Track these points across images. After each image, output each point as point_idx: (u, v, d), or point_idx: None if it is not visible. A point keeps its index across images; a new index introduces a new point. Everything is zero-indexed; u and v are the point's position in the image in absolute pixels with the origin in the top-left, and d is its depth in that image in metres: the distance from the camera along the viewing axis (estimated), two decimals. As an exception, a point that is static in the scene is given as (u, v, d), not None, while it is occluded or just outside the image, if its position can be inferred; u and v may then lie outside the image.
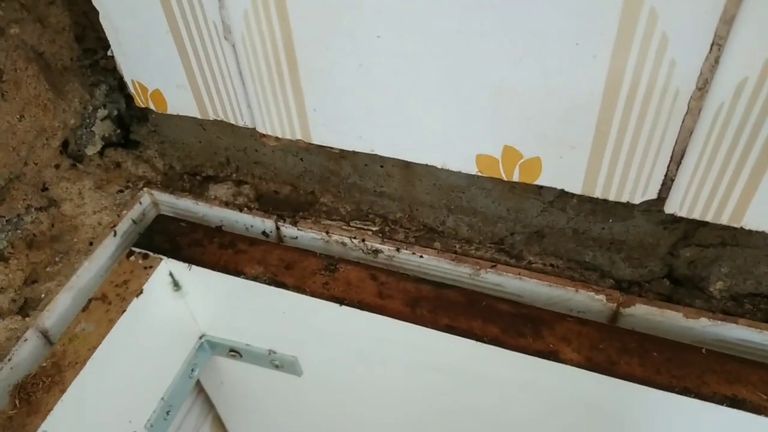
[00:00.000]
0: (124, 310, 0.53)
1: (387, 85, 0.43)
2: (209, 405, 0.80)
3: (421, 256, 0.54)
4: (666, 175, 0.40)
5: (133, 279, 0.55)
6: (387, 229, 0.56)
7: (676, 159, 0.39)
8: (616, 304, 0.50)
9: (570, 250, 0.52)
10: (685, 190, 0.40)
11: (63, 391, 0.48)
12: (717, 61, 0.34)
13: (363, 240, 0.55)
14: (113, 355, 0.52)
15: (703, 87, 0.35)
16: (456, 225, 0.54)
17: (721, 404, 0.44)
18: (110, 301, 0.54)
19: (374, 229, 0.56)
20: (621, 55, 0.35)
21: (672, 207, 0.42)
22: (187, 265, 0.55)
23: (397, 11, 0.38)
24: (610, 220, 0.48)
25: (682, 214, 0.42)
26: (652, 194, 0.42)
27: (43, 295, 0.52)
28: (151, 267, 0.56)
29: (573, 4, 0.34)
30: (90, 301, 0.54)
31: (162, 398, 0.60)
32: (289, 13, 0.41)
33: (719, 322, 0.48)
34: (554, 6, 0.35)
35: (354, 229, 0.56)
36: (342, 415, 0.67)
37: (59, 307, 0.53)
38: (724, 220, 0.41)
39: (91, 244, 0.56)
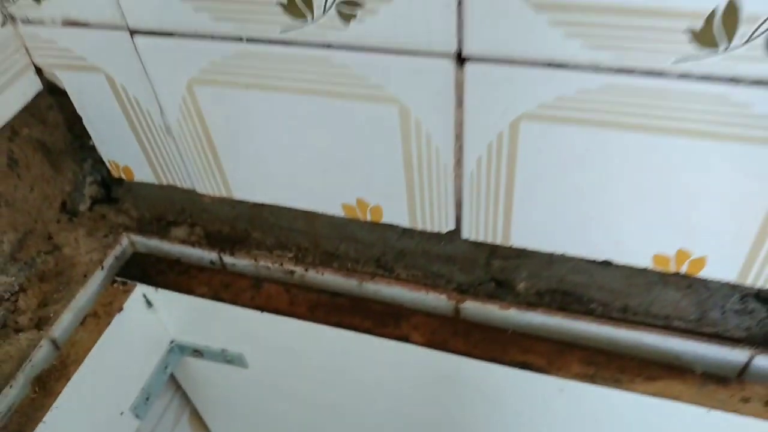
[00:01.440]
0: (110, 323, 0.74)
1: (276, 159, 0.64)
2: (186, 399, 1.01)
3: (323, 274, 0.75)
4: (456, 214, 0.61)
5: (116, 300, 0.76)
6: (299, 255, 0.76)
7: (458, 203, 0.60)
8: (455, 302, 0.71)
9: (423, 264, 0.72)
10: (469, 223, 0.61)
11: (68, 380, 0.68)
12: (461, 148, 0.55)
13: (281, 264, 0.76)
14: (103, 356, 0.73)
15: (458, 161, 0.56)
16: (347, 250, 0.75)
17: (516, 367, 0.65)
18: (100, 316, 0.74)
19: (290, 255, 0.76)
20: (407, 148, 0.56)
21: (465, 234, 0.62)
22: (154, 288, 0.76)
23: (275, 120, 0.59)
24: (443, 243, 0.69)
25: (472, 238, 0.62)
26: (451, 226, 0.63)
27: (51, 314, 0.73)
28: (128, 291, 0.77)
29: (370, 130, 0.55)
30: (85, 317, 0.74)
31: (142, 388, 0.81)
32: (206, 119, 0.62)
33: (523, 311, 0.68)
34: (362, 120, 0.56)
35: (276, 256, 0.77)
36: (282, 397, 0.87)
37: (64, 322, 0.73)
38: (499, 241, 0.62)
39: (85, 276, 0.77)
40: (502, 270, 0.69)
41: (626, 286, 0.65)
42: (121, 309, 0.75)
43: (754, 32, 0.41)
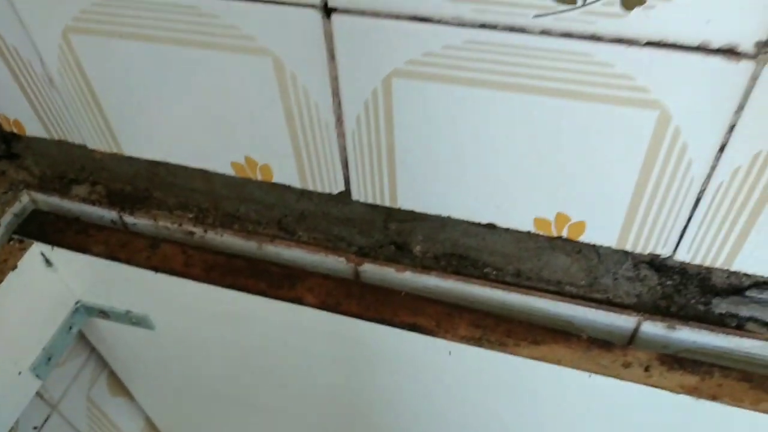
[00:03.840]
0: (3, 280, 0.72)
1: (163, 112, 0.62)
2: (103, 361, 1.00)
3: (222, 235, 0.73)
4: (344, 174, 0.60)
5: (11, 258, 0.74)
6: (200, 215, 0.75)
7: (345, 163, 0.59)
8: (353, 264, 0.70)
9: (325, 226, 0.71)
10: (357, 183, 0.60)
11: (-48, 337, 0.67)
12: (340, 105, 0.54)
13: (180, 224, 0.74)
14: (-5, 314, 0.71)
15: (339, 119, 0.55)
16: (247, 211, 0.73)
17: (405, 329, 0.64)
18: (-8, 274, 0.73)
19: (190, 216, 0.75)
20: (287, 103, 0.55)
21: (354, 195, 0.62)
22: (50, 246, 0.74)
23: (154, 72, 0.57)
24: (341, 205, 0.68)
25: (362, 200, 0.62)
26: (341, 187, 0.62)
27: (-59, 271, 0.71)
28: (24, 249, 0.75)
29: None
30: (-23, 274, 0.72)
31: (44, 348, 0.79)
32: (86, 70, 0.59)
33: (418, 274, 0.68)
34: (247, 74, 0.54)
35: (176, 216, 0.75)
36: (191, 358, 0.87)
37: (-46, 279, 0.72)
38: (387, 203, 0.61)
39: (-21, 233, 0.75)
40: (399, 233, 0.68)
41: (517, 250, 0.65)
42: (15, 267, 0.73)
43: (608, -13, 0.40)
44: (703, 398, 0.58)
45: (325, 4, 0.47)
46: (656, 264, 0.63)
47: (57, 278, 0.79)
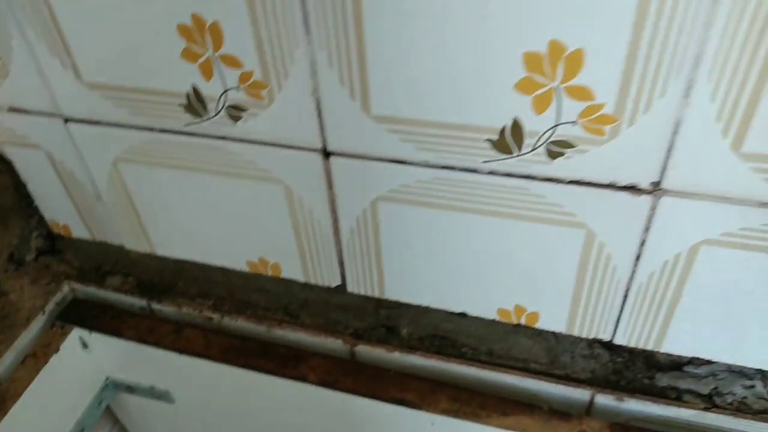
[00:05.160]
0: (47, 362, 0.83)
1: (192, 222, 0.75)
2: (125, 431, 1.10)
3: (237, 320, 0.85)
4: (340, 271, 0.73)
5: (53, 342, 0.86)
6: (217, 303, 0.87)
7: (341, 263, 0.71)
8: (350, 345, 0.82)
9: (324, 312, 0.83)
10: (351, 279, 0.72)
11: (5, 413, 0.78)
12: (336, 220, 0.67)
13: (200, 311, 0.86)
14: (40, 392, 0.82)
15: (336, 230, 0.68)
16: (258, 299, 0.85)
17: (393, 403, 0.75)
18: (38, 356, 0.84)
19: (209, 303, 0.87)
20: (294, 219, 0.68)
21: (350, 288, 0.74)
22: (88, 331, 0.86)
23: (187, 193, 0.71)
24: (338, 295, 0.80)
25: (355, 291, 0.74)
26: (338, 281, 0.74)
27: (-6, 355, 0.83)
28: (66, 333, 0.86)
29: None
30: (25, 357, 0.84)
31: (77, 421, 0.90)
32: (129, 190, 0.73)
33: (405, 354, 0.79)
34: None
35: (197, 304, 0.87)
36: (202, 429, 0.97)
37: (6, 361, 0.83)
38: (377, 294, 0.73)
39: (27, 319, 0.87)
40: (388, 317, 0.80)
41: (488, 333, 0.76)
42: (57, 350, 0.84)
43: (536, 142, 0.54)
44: (646, 461, 0.69)
45: (325, 149, 0.60)
46: (608, 344, 0.75)
47: (91, 358, 0.91)
